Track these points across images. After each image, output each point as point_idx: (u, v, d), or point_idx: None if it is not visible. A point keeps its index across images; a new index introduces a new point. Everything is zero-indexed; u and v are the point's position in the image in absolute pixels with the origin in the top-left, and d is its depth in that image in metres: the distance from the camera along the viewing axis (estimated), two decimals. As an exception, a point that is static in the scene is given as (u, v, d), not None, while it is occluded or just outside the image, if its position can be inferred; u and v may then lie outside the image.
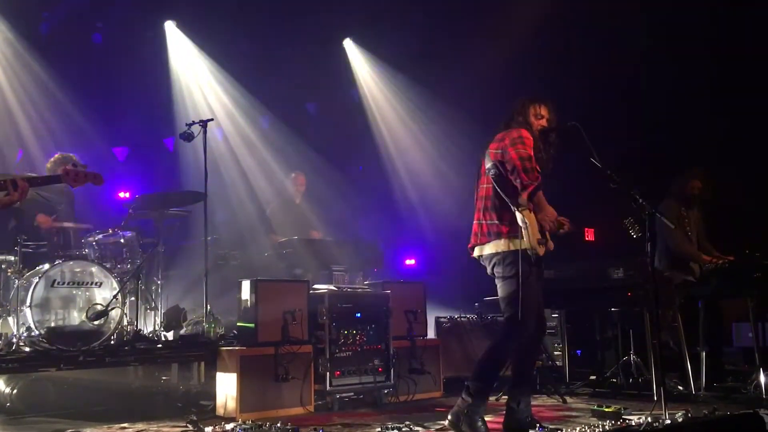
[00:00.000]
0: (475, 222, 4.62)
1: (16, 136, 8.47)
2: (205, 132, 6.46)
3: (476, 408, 4.38)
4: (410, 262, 10.45)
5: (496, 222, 4.47)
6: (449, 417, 4.46)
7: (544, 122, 4.64)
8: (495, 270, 4.51)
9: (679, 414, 4.68)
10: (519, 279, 4.34)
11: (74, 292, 5.56)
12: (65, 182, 4.52)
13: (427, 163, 10.38)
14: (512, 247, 4.40)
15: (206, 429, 4.59)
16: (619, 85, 8.53)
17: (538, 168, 4.42)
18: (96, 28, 8.73)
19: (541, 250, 4.44)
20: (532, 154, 4.40)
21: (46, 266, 5.53)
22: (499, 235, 4.45)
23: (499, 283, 4.51)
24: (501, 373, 4.60)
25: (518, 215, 4.38)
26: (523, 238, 4.36)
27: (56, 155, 6.63)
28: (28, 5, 8.23)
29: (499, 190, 4.49)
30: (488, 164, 4.57)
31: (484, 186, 4.60)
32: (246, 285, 5.73)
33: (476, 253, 4.60)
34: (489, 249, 4.50)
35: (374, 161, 10.77)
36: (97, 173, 4.60)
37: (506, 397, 4.69)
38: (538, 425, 4.50)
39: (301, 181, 8.51)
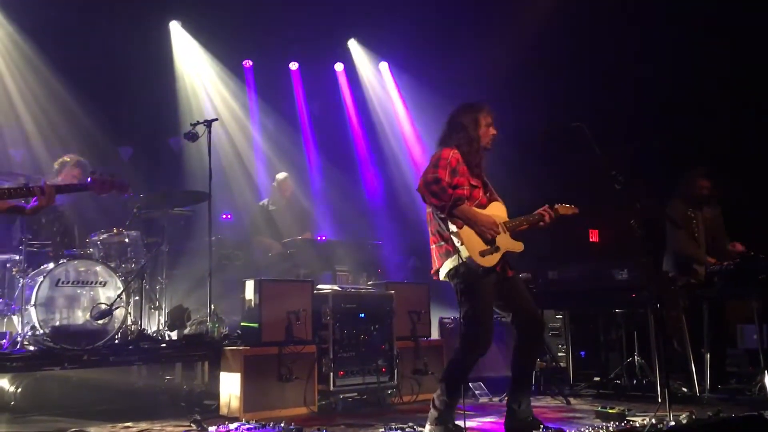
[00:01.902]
0: (431, 247, 4.58)
1: (21, 134, 8.47)
2: (209, 132, 6.48)
3: (446, 416, 4.38)
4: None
5: (443, 243, 4.44)
6: None
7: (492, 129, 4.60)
8: (454, 288, 4.49)
9: (684, 416, 4.67)
10: (468, 296, 4.33)
11: (78, 291, 5.57)
12: (91, 190, 4.51)
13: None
14: (457, 265, 4.36)
15: (210, 428, 4.59)
16: (624, 85, 8.51)
17: (451, 186, 4.32)
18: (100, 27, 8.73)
19: (489, 261, 4.34)
20: (444, 175, 4.32)
21: (51, 265, 5.54)
22: (448, 254, 4.42)
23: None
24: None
25: (453, 238, 4.32)
26: (461, 258, 4.30)
27: (66, 157, 6.62)
28: (32, 2, 8.24)
29: (433, 213, 4.47)
30: None
31: (428, 210, 4.55)
32: (250, 285, 5.73)
33: (441, 276, 4.54)
34: (444, 269, 4.47)
35: (379, 161, 10.77)
36: (123, 181, 4.56)
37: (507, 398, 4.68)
38: (541, 426, 4.49)
39: (287, 184, 8.40)
